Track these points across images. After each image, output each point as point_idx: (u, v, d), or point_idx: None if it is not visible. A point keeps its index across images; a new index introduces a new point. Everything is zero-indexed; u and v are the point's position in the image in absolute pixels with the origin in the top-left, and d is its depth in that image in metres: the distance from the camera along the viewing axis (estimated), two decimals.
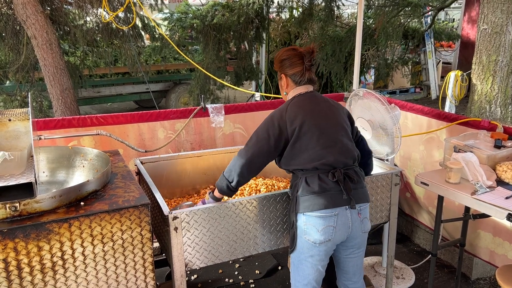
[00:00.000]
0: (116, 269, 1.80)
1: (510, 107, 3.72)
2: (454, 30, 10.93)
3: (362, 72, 8.40)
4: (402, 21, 6.86)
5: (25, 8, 3.96)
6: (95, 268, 1.75)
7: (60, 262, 1.68)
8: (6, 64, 5.79)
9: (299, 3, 7.56)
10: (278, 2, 7.75)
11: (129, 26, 5.35)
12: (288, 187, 2.14)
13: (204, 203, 2.13)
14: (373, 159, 2.71)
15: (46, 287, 1.67)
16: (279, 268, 3.34)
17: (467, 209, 2.70)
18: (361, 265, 2.19)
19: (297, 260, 2.05)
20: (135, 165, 2.58)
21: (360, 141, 2.26)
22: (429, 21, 8.86)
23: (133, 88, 8.19)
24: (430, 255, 2.80)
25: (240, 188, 2.52)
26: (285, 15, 8.54)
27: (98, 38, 6.01)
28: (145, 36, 6.51)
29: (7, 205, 1.59)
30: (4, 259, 1.58)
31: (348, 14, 9.42)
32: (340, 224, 1.96)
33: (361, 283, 2.21)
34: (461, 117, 3.09)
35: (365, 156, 2.26)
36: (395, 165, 3.49)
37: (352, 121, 2.21)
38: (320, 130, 1.99)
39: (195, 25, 6.53)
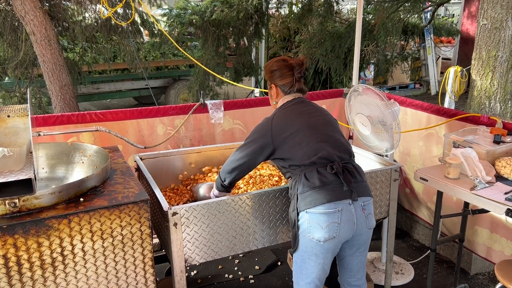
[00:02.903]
0: (115, 265, 1.80)
1: (509, 102, 3.71)
2: (454, 25, 10.90)
3: (361, 68, 8.38)
4: (401, 16, 6.84)
5: (23, 4, 3.95)
6: (94, 264, 1.76)
7: (60, 258, 1.68)
8: (5, 61, 5.78)
9: None
10: None
11: (128, 22, 5.33)
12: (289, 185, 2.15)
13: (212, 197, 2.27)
14: (372, 155, 2.72)
15: (46, 283, 1.68)
16: (279, 263, 3.35)
17: (466, 204, 2.70)
18: (365, 262, 2.20)
19: (300, 259, 2.02)
20: (135, 161, 2.59)
21: None
22: (428, 17, 8.84)
23: (132, 85, 8.17)
24: (429, 251, 2.81)
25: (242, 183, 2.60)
26: (284, 10, 8.52)
27: (97, 34, 5.99)
28: (144, 32, 6.50)
29: (7, 201, 1.60)
30: (4, 255, 1.58)
31: (348, 9, 9.39)
32: (345, 220, 1.93)
33: (364, 279, 2.22)
34: (461, 113, 3.09)
35: None
36: (395, 160, 3.49)
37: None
38: (311, 127, 2.06)
39: (194, 21, 6.51)
